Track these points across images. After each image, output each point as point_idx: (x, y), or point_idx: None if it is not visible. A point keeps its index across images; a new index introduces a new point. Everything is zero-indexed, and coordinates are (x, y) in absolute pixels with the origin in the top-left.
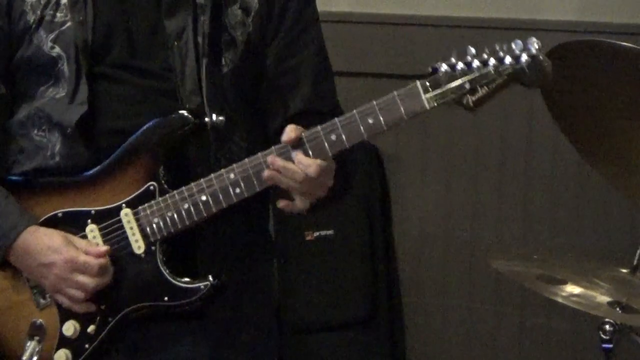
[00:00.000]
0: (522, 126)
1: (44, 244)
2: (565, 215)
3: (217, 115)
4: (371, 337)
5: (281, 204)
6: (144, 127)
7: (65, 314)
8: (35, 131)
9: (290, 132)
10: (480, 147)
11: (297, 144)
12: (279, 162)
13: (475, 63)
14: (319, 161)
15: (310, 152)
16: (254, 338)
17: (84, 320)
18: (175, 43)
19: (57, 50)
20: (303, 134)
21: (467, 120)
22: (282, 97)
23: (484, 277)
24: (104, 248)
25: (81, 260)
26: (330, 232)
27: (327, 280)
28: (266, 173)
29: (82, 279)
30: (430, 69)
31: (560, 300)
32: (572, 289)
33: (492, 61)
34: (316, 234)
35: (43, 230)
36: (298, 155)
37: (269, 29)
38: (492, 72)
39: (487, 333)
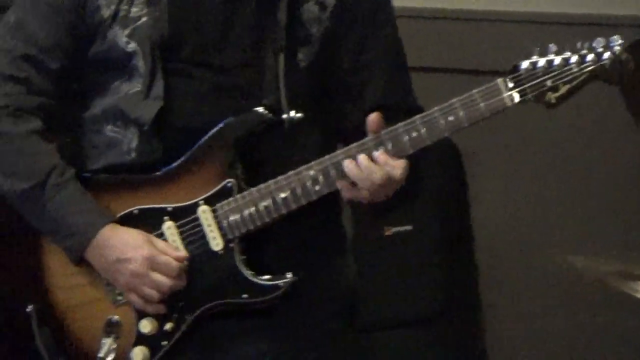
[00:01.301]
0: (599, 121)
1: (124, 240)
2: None
3: (295, 111)
4: (446, 334)
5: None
6: (221, 124)
7: (143, 311)
8: (110, 127)
9: (373, 123)
10: (558, 142)
11: (378, 140)
12: (365, 161)
13: (557, 60)
14: (402, 162)
15: (391, 149)
16: (325, 335)
17: (161, 317)
18: (252, 39)
19: (132, 45)
20: (383, 130)
21: (544, 115)
22: (357, 93)
23: (561, 273)
24: (183, 253)
25: (162, 259)
26: (408, 227)
27: (403, 276)
28: (349, 167)
29: (160, 278)
30: (511, 66)
31: None
32: None
33: (574, 58)
34: (394, 229)
35: (123, 227)
36: (381, 155)
37: (345, 24)
38: (574, 69)
39: (563, 330)
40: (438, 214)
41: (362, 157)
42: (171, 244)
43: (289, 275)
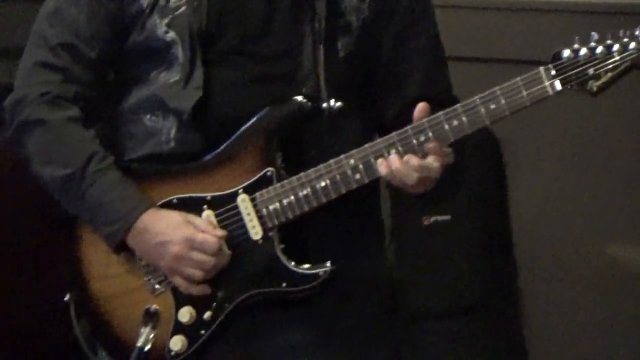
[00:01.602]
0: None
1: (164, 223)
2: None
3: (335, 100)
4: (487, 324)
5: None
6: (261, 113)
7: (181, 300)
8: (148, 116)
9: (420, 112)
10: (598, 132)
11: (419, 129)
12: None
13: (599, 49)
14: (436, 163)
15: (432, 138)
16: (365, 325)
17: (200, 306)
18: (292, 28)
19: (171, 35)
20: (425, 119)
21: (584, 103)
22: (396, 84)
23: (600, 263)
24: (220, 232)
25: (199, 238)
26: (447, 217)
27: (442, 266)
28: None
29: (201, 256)
30: (553, 55)
31: None
32: None
33: (616, 47)
34: (433, 218)
35: (162, 211)
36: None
37: (384, 14)
38: (616, 57)
39: (603, 320)
40: (477, 204)
41: (393, 158)
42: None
43: (328, 264)
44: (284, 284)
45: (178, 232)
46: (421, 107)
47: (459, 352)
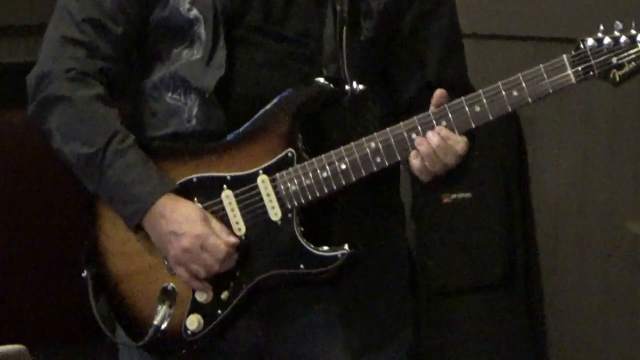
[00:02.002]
0: None
1: (181, 213)
2: None
3: (357, 83)
4: (508, 300)
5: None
6: (283, 94)
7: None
8: (170, 94)
9: (439, 97)
10: (618, 109)
11: (440, 114)
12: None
13: (623, 38)
14: (460, 138)
15: (453, 123)
16: (387, 304)
17: (217, 286)
18: (315, 9)
19: (194, 12)
20: (447, 104)
21: (604, 83)
22: (414, 66)
23: (622, 240)
24: (233, 239)
25: (211, 241)
26: (467, 194)
27: (463, 243)
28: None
29: (207, 258)
30: (576, 43)
31: None
32: None
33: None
34: (453, 196)
35: (182, 200)
36: (443, 130)
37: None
38: None
39: (625, 296)
40: (497, 181)
41: (431, 134)
42: (227, 226)
43: (346, 247)
44: (302, 266)
45: (193, 228)
46: (440, 92)
47: (479, 328)
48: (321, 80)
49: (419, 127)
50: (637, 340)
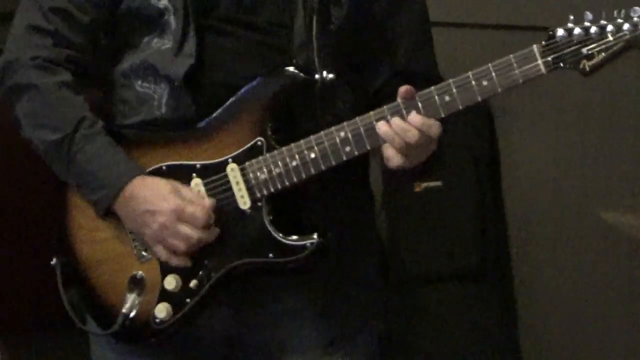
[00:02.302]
0: (632, 76)
1: (152, 191)
2: None
3: (327, 72)
4: (479, 289)
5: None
6: (253, 83)
7: (167, 268)
8: (140, 82)
9: (405, 89)
10: (589, 99)
11: (410, 103)
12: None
13: (593, 29)
14: (435, 121)
15: (423, 112)
16: (358, 293)
17: (186, 274)
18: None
19: (164, 2)
20: (417, 94)
21: (574, 72)
22: (384, 55)
23: (594, 229)
24: (210, 201)
25: (189, 210)
26: (438, 183)
27: (435, 232)
28: (382, 129)
29: (187, 230)
30: (547, 34)
31: None
32: None
33: (609, 27)
34: (425, 185)
35: (151, 179)
36: (413, 115)
37: None
38: (610, 38)
39: (597, 284)
40: (469, 170)
41: (396, 119)
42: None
43: (315, 236)
44: (271, 255)
45: (166, 202)
46: (405, 89)
47: (451, 317)
48: (291, 69)
49: (389, 117)
50: (611, 328)
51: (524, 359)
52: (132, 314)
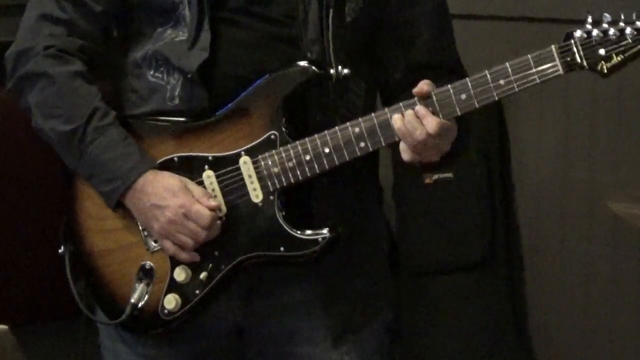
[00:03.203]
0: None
1: (162, 185)
2: None
3: (342, 67)
4: (489, 280)
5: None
6: (267, 76)
7: (175, 259)
8: (152, 72)
9: (422, 85)
10: (598, 89)
11: (426, 101)
12: (411, 117)
13: (612, 31)
14: (450, 124)
15: (439, 110)
16: (367, 284)
17: (196, 266)
18: None
19: None
20: (433, 91)
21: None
22: (402, 48)
23: (602, 220)
24: (214, 203)
25: (195, 208)
26: (449, 175)
27: (445, 223)
28: (397, 124)
29: (193, 226)
30: (565, 34)
31: None
32: None
33: (628, 30)
34: (435, 176)
35: (162, 172)
36: (427, 114)
37: None
38: (630, 41)
39: (605, 276)
40: (479, 162)
41: (409, 113)
42: (209, 192)
43: (326, 231)
44: (282, 248)
45: (175, 198)
46: (424, 83)
47: (460, 309)
48: (306, 63)
49: (404, 110)
50: (618, 319)
51: (533, 350)
52: (140, 304)
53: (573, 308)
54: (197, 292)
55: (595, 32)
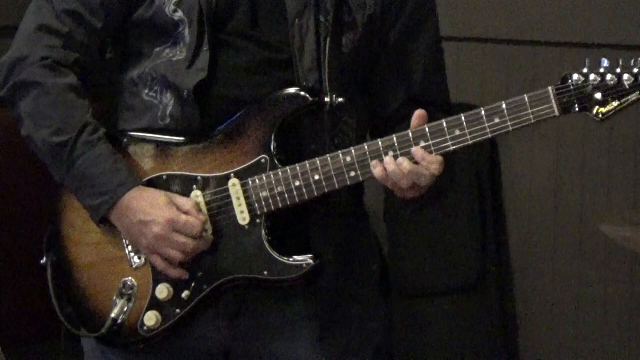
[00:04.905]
0: None
1: (148, 201)
2: None
3: (336, 96)
4: (480, 302)
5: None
6: (262, 100)
7: (160, 276)
8: (147, 91)
9: (418, 117)
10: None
11: (420, 134)
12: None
13: (609, 76)
14: (439, 158)
15: (432, 144)
16: (360, 309)
17: (178, 284)
18: (296, 21)
19: (179, 14)
20: (427, 126)
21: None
22: (397, 81)
23: (594, 242)
24: (203, 216)
25: (182, 219)
26: None
27: (436, 245)
28: (377, 170)
29: (183, 239)
30: (562, 77)
31: None
32: None
33: (626, 76)
34: None
35: (148, 189)
36: (418, 151)
37: (390, 12)
38: (626, 87)
39: (597, 297)
40: (470, 183)
41: (388, 160)
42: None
43: (311, 257)
44: (266, 272)
45: (161, 212)
46: (419, 113)
47: (452, 330)
48: (300, 90)
49: (397, 146)
50: (610, 340)
51: None
52: (120, 320)
53: (564, 330)
54: (178, 310)
55: (592, 76)
